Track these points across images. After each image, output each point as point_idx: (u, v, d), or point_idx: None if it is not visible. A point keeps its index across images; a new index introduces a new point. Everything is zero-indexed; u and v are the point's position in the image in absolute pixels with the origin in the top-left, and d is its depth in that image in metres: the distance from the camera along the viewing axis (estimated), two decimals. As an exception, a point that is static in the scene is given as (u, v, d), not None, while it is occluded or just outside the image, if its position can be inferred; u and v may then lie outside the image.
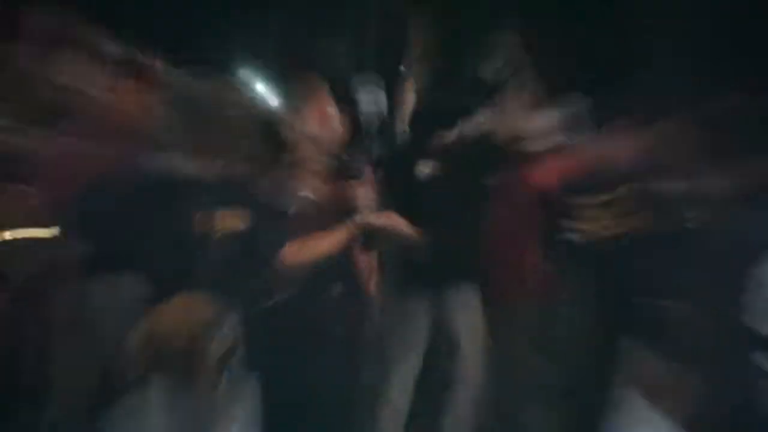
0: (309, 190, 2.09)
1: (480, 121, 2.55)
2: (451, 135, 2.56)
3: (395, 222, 2.16)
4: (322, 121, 2.17)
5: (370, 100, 3.55)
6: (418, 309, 2.63)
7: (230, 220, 1.86)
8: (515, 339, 2.70)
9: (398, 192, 2.46)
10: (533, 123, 2.62)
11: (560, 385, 2.70)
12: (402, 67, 2.78)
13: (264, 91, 4.29)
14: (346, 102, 2.48)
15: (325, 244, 2.04)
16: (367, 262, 2.36)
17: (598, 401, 2.17)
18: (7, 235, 2.15)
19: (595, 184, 2.45)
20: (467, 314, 2.60)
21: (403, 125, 2.76)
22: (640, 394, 2.01)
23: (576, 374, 2.57)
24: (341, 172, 2.21)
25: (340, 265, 2.10)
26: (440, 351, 2.64)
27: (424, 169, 2.56)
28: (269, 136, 2.48)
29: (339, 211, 2.10)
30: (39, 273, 2.22)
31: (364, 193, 2.24)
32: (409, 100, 2.73)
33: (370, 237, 2.20)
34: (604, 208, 2.41)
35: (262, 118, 2.19)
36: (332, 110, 2.19)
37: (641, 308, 2.09)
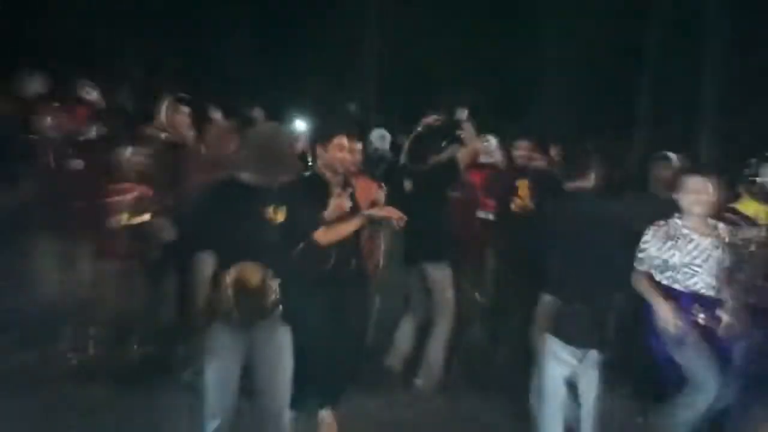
0: (332, 193, 2.99)
1: (449, 151, 3.76)
2: (430, 161, 3.74)
3: (392, 212, 3.00)
4: (341, 151, 3.05)
5: (379, 139, 5.02)
6: (412, 279, 3.80)
7: (279, 214, 2.48)
8: (471, 292, 4.16)
9: (394, 198, 3.60)
10: (484, 146, 4.19)
11: (502, 324, 4.08)
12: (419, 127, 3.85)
13: (301, 129, 5.65)
14: (361, 139, 3.42)
15: (344, 228, 2.89)
16: (369, 246, 3.35)
17: (528, 339, 3.19)
18: (124, 218, 3.08)
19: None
20: (442, 279, 3.72)
21: (401, 156, 3.92)
22: (553, 333, 2.81)
23: (511, 315, 3.85)
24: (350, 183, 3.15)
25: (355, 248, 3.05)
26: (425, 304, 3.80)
27: (408, 186, 3.73)
28: (303, 160, 3.43)
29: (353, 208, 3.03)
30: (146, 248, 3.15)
31: (370, 197, 3.28)
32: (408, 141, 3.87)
33: (374, 223, 3.14)
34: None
35: (299, 149, 3.05)
36: (348, 143, 3.06)
37: (552, 265, 3.02)
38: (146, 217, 2.76)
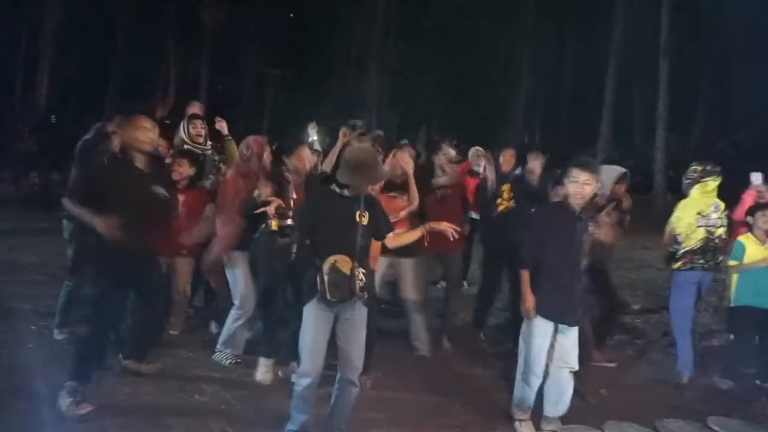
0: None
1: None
2: None
3: (449, 227, 3.30)
4: None
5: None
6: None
7: (364, 219, 3.08)
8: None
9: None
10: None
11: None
12: None
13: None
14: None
15: (409, 236, 3.44)
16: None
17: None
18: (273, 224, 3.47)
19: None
20: (414, 268, 4.57)
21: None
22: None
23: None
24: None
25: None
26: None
27: None
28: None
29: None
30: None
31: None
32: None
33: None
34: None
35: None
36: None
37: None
38: (289, 221, 3.21)
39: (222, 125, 5.26)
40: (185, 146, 4.90)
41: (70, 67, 18.36)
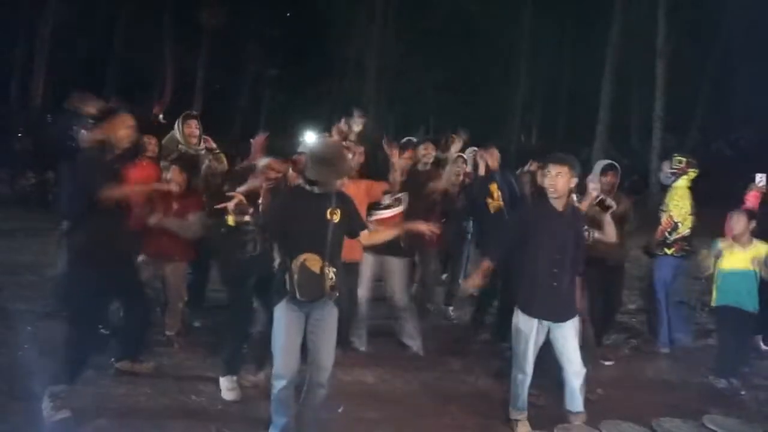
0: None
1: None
2: None
3: (425, 227, 3.46)
4: None
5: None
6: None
7: (335, 216, 2.99)
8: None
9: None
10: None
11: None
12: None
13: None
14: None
15: (385, 235, 3.50)
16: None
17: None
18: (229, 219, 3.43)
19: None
20: (403, 268, 4.67)
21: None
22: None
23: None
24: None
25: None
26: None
27: None
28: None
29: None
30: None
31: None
32: None
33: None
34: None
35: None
36: None
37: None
38: (246, 218, 3.22)
39: (209, 143, 5.13)
40: (179, 146, 4.88)
41: (67, 66, 18.31)
